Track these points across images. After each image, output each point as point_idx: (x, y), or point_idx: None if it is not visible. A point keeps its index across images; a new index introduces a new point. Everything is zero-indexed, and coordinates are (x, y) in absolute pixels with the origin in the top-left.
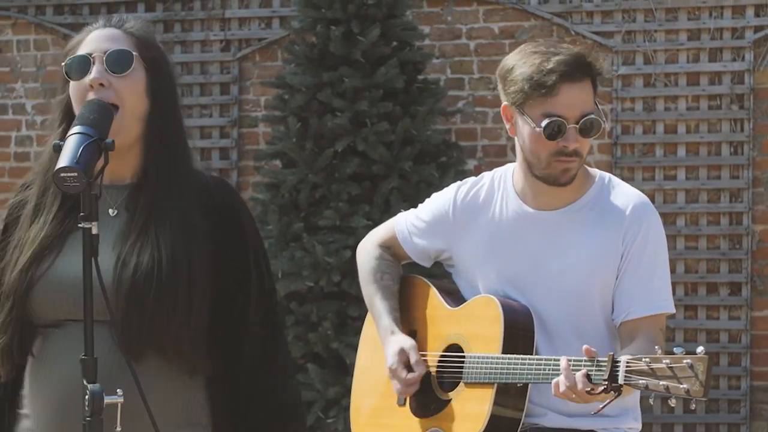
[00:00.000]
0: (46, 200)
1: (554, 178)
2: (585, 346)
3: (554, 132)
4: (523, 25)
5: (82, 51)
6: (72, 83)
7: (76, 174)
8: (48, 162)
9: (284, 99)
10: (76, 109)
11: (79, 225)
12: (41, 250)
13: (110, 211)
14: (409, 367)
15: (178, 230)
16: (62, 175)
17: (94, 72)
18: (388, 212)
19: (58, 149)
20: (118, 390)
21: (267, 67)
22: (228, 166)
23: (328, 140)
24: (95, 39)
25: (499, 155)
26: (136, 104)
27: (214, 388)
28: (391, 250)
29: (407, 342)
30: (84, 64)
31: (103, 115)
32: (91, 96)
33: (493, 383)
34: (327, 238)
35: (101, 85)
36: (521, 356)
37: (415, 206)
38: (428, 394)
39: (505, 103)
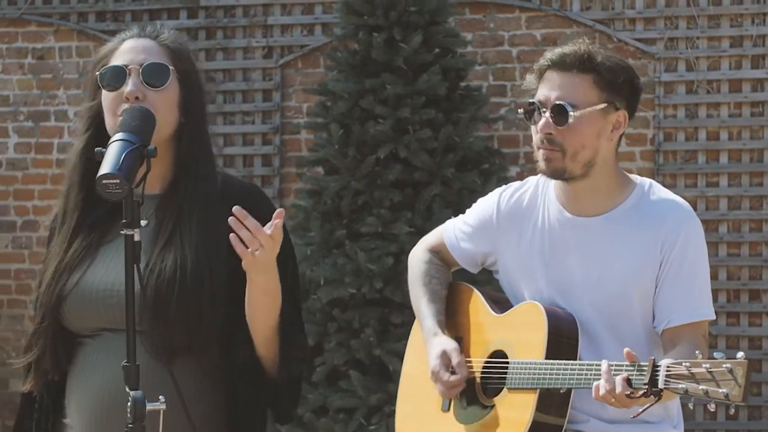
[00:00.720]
0: (69, 210)
1: (541, 168)
2: (626, 350)
3: (529, 114)
4: (565, 32)
5: (116, 61)
6: (105, 93)
7: (118, 181)
8: (72, 171)
9: (326, 106)
10: (108, 119)
11: (122, 232)
12: (71, 262)
13: (142, 222)
14: (452, 370)
15: (201, 235)
16: (104, 182)
17: (130, 85)
18: (430, 219)
19: (100, 156)
20: (160, 396)
21: (309, 74)
22: (270, 173)
23: (370, 147)
24: (130, 50)
25: None
26: (167, 116)
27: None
28: (440, 255)
29: (450, 344)
30: (119, 75)
31: (145, 122)
32: (124, 107)
33: (535, 389)
34: (369, 245)
35: (137, 98)
36: (563, 361)
37: (458, 213)
38: (472, 400)
39: None
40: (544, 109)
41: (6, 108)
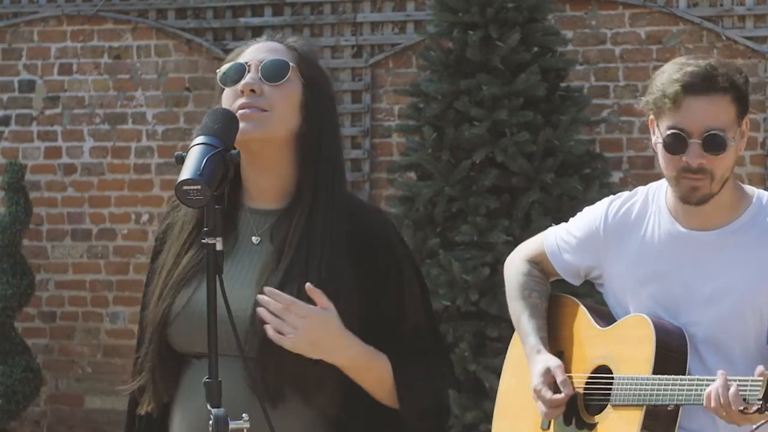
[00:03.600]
0: (186, 225)
1: (684, 196)
2: (759, 368)
3: (673, 146)
4: (671, 30)
5: (239, 61)
6: (225, 90)
7: (199, 187)
8: None
9: (419, 107)
10: None
11: (203, 240)
12: (181, 280)
13: (254, 238)
14: (555, 388)
15: (329, 266)
16: (184, 188)
17: (247, 78)
18: (528, 227)
19: (180, 160)
20: (243, 414)
21: (401, 74)
22: (360, 179)
23: (465, 151)
24: (254, 50)
25: (646, 167)
26: (286, 113)
27: (346, 427)
28: (539, 266)
29: (553, 362)
30: (239, 71)
31: (227, 124)
32: (240, 102)
33: (642, 406)
34: (464, 255)
35: (252, 91)
36: (672, 377)
37: (557, 220)
38: (574, 418)
39: (651, 116)
40: (693, 140)
41: (81, 110)
